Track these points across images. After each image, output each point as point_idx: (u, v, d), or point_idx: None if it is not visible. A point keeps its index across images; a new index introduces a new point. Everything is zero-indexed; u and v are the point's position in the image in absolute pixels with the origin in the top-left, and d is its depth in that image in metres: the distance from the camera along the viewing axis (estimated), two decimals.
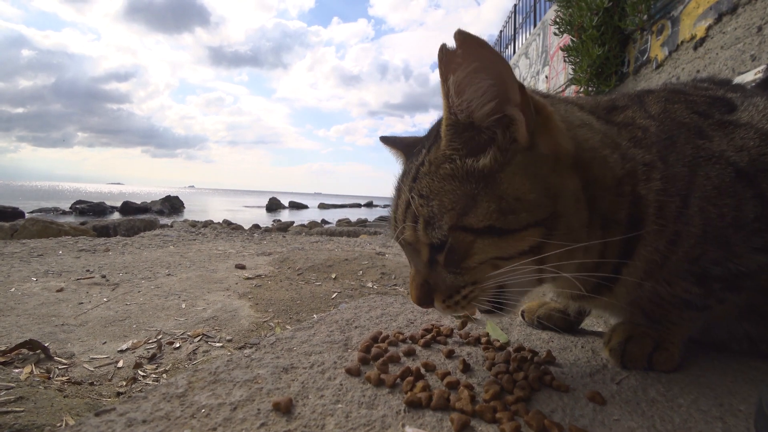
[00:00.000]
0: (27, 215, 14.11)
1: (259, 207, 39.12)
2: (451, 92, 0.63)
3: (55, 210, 23.72)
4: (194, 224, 10.75)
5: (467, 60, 0.60)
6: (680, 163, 0.71)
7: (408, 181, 0.72)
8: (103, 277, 2.79)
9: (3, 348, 1.49)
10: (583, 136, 0.70)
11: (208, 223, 11.80)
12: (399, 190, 0.76)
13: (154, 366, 1.55)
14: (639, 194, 0.70)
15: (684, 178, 0.70)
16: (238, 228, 9.58)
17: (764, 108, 0.78)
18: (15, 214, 16.01)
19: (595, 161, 0.69)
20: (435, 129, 0.75)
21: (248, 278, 2.86)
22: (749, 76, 2.13)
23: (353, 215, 24.12)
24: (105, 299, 2.30)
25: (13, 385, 1.20)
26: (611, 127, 0.75)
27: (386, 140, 0.98)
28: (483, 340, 0.97)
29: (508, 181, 0.64)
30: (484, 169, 0.64)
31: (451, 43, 0.59)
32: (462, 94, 0.63)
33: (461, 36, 0.58)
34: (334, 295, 2.50)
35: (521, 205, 0.64)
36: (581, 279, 0.72)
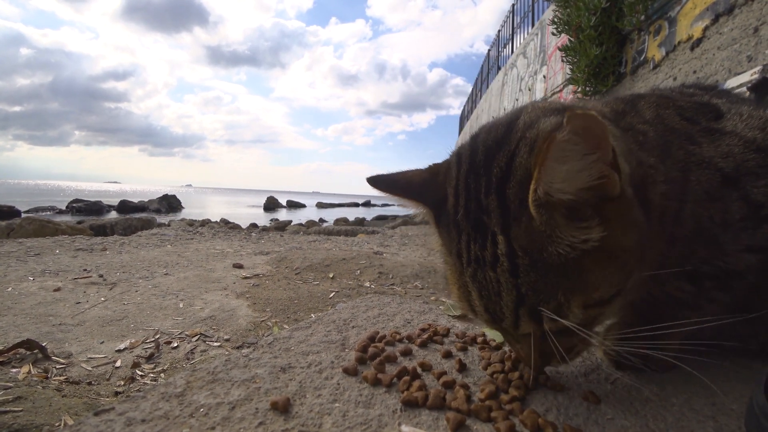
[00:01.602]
0: (23, 214, 14.07)
1: (256, 206, 39.06)
2: (552, 179, 0.55)
3: (52, 209, 23.63)
4: (192, 223, 10.74)
5: (574, 143, 0.52)
6: (676, 167, 0.72)
7: (504, 277, 0.61)
8: (101, 276, 2.79)
9: (0, 348, 1.50)
10: (618, 149, 0.66)
11: (205, 222, 11.78)
12: (482, 283, 0.64)
13: (152, 365, 1.56)
14: (648, 198, 0.68)
15: (679, 182, 0.72)
16: (235, 227, 9.57)
17: (748, 117, 0.80)
18: (11, 212, 15.96)
19: (629, 172, 0.65)
20: (488, 192, 0.63)
21: (246, 278, 2.86)
22: (745, 77, 2.15)
23: (351, 214, 24.12)
24: (102, 299, 2.30)
25: (11, 384, 1.20)
26: (621, 132, 0.73)
27: (382, 184, 0.78)
28: (479, 340, 0.98)
29: (613, 239, 0.58)
30: (592, 238, 0.57)
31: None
32: (565, 180, 0.55)
33: (573, 116, 0.50)
34: (331, 295, 2.50)
35: (629, 255, 0.61)
36: None
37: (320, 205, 49.55)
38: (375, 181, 0.78)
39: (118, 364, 1.55)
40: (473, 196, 0.65)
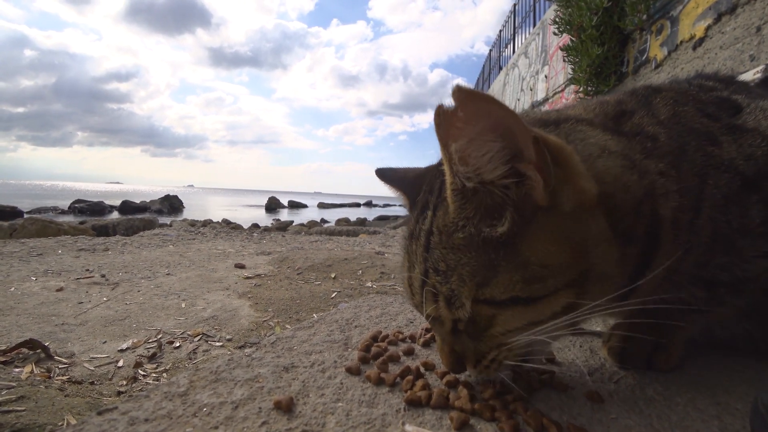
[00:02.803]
0: (26, 214, 14.11)
1: (258, 206, 39.08)
2: (454, 159, 0.55)
3: (54, 209, 23.69)
4: (193, 223, 10.75)
5: (471, 122, 0.51)
6: (692, 172, 0.69)
7: (420, 250, 0.65)
8: (103, 276, 2.80)
9: (3, 347, 1.50)
10: (603, 167, 0.64)
11: (207, 223, 11.79)
12: (409, 256, 0.68)
13: (155, 365, 1.56)
14: (657, 212, 0.67)
15: (695, 188, 0.68)
16: (237, 227, 9.58)
17: None
18: (14, 213, 16.03)
19: (618, 191, 0.63)
20: (439, 177, 0.66)
21: (248, 278, 2.86)
22: (748, 76, 2.14)
23: (352, 215, 24.14)
24: (105, 298, 2.31)
25: (14, 384, 1.20)
26: (622, 140, 0.70)
27: (384, 175, 0.87)
28: None
29: (530, 247, 0.57)
30: (502, 235, 0.57)
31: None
32: (467, 162, 0.55)
33: (461, 93, 0.49)
34: (333, 295, 2.50)
35: (548, 271, 0.57)
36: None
37: (321, 206, 49.59)
38: (380, 173, 0.88)
39: (120, 363, 1.55)
40: (431, 182, 0.69)
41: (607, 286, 0.62)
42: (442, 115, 0.51)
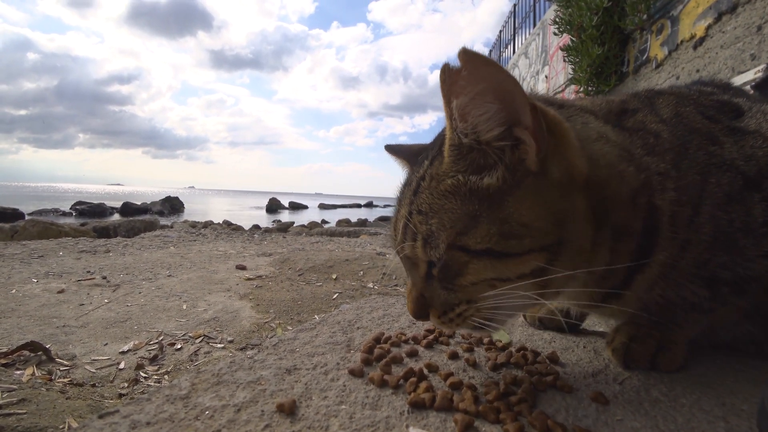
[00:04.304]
0: (27, 216, 14.12)
1: (259, 207, 39.10)
2: (455, 115, 0.59)
3: (55, 211, 23.72)
4: (194, 225, 10.74)
5: (473, 82, 0.55)
6: (693, 170, 0.70)
7: (408, 194, 0.70)
8: (104, 278, 2.79)
9: (4, 350, 1.50)
10: (599, 152, 0.67)
11: (208, 224, 11.79)
12: (400, 201, 0.73)
13: (156, 367, 1.56)
14: (654, 205, 0.68)
15: (696, 185, 0.69)
16: (238, 229, 9.58)
17: None
18: (15, 215, 16.02)
19: (612, 178, 0.66)
20: (440, 138, 0.71)
21: (249, 279, 2.86)
22: (749, 76, 2.14)
23: (353, 215, 24.15)
24: (106, 300, 2.31)
25: (15, 387, 1.20)
26: (623, 134, 0.72)
27: (391, 149, 0.95)
28: (485, 340, 0.97)
29: (514, 206, 0.61)
30: (489, 188, 0.61)
31: (455, 61, 0.54)
32: (466, 119, 0.59)
33: (466, 55, 0.53)
34: (335, 296, 2.50)
35: (526, 231, 0.61)
36: (588, 292, 0.70)
37: (322, 207, 49.60)
38: (389, 147, 0.96)
39: (121, 365, 1.54)
40: (435, 142, 0.74)
41: (578, 263, 0.65)
42: (447, 73, 0.56)
